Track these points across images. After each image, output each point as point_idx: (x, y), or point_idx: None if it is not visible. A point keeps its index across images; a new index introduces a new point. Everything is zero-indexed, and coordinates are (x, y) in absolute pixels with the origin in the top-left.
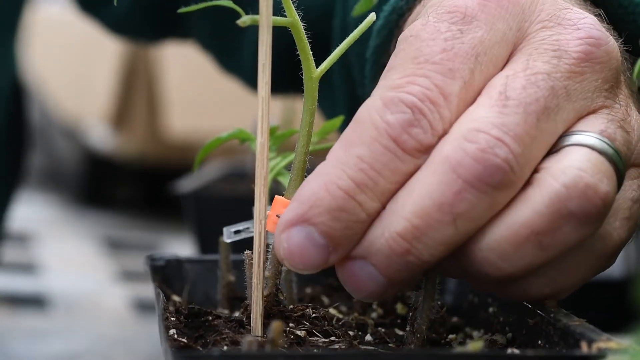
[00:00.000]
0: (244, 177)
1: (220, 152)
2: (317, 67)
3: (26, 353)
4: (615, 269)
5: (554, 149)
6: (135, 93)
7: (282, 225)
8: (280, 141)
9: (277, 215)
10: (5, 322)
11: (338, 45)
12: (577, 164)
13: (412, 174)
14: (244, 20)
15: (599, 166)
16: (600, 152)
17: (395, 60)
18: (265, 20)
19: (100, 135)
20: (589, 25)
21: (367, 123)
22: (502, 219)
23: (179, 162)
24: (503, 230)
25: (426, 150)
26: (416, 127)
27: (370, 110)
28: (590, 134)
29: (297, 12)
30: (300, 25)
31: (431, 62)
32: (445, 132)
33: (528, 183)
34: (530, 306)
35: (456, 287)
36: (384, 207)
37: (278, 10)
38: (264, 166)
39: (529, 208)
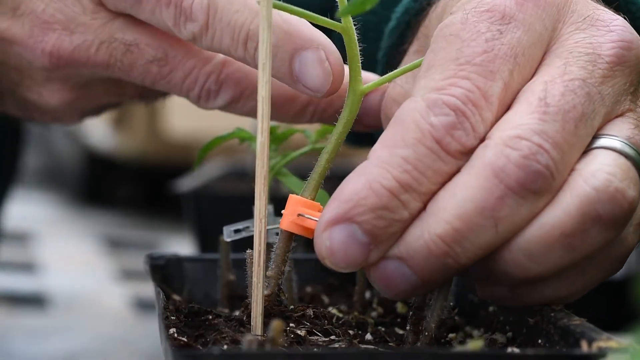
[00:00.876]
0: (244, 176)
1: (220, 151)
2: None
3: (26, 352)
4: None
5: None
6: None
7: (323, 224)
8: (281, 141)
9: (299, 215)
10: (5, 321)
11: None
12: (607, 169)
13: (452, 175)
14: None
15: (627, 171)
16: (628, 157)
17: (435, 59)
18: (265, 20)
19: (100, 134)
20: (621, 28)
21: (411, 124)
22: (534, 220)
23: (179, 161)
24: (534, 231)
25: (468, 152)
26: (459, 129)
27: (413, 111)
28: (618, 139)
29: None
30: (354, 32)
31: (472, 64)
32: (486, 133)
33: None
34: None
35: (456, 286)
36: (424, 207)
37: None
38: (264, 165)
39: (560, 210)
